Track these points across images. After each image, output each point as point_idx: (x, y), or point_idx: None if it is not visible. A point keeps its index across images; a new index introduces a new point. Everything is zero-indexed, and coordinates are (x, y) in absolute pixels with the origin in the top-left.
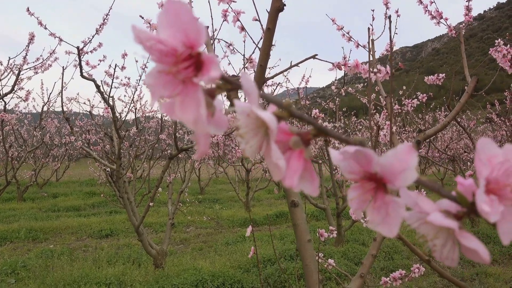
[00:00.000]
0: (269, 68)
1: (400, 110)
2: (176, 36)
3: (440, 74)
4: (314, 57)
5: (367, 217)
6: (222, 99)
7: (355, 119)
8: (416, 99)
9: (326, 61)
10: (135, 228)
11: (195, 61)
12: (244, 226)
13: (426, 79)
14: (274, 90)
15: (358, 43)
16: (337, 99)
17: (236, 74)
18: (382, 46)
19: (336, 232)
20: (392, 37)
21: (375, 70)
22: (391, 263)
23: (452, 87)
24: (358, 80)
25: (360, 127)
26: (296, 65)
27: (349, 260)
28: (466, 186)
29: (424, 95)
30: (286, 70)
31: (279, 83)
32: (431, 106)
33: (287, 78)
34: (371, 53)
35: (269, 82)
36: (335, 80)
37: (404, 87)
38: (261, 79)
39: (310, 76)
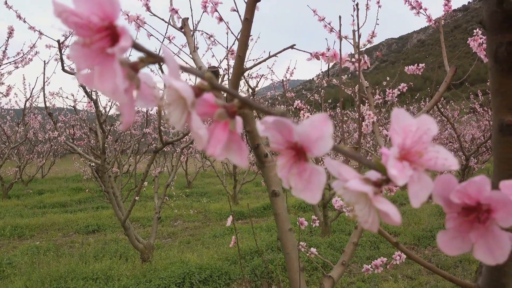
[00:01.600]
0: (253, 60)
1: (382, 100)
2: (91, 9)
3: (420, 64)
4: (292, 47)
5: (291, 184)
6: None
7: (341, 110)
8: (397, 89)
9: (304, 51)
10: (121, 223)
11: (111, 33)
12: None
13: (406, 69)
14: (258, 82)
15: (340, 35)
16: (322, 91)
17: (216, 66)
18: (364, 37)
19: (318, 221)
20: (359, 25)
21: (353, 60)
22: (376, 252)
23: (435, 78)
24: (343, 71)
25: (346, 118)
26: (275, 55)
27: (335, 250)
28: (387, 155)
29: (404, 85)
30: (264, 60)
31: (262, 75)
32: (416, 97)
33: (272, 70)
34: (353, 44)
35: (254, 74)
36: (321, 72)
37: (388, 78)
38: (239, 70)
39: (294, 68)
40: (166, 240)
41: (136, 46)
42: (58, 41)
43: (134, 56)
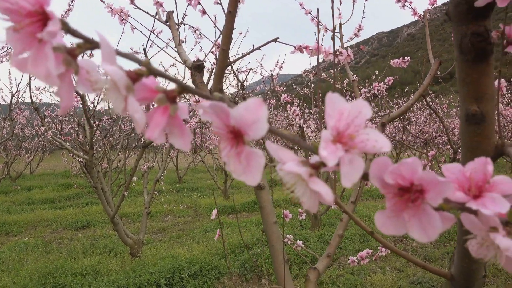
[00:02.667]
0: (242, 53)
1: (372, 94)
2: None
3: (406, 57)
4: (276, 40)
5: (230, 167)
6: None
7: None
8: (383, 83)
9: (288, 44)
10: (110, 218)
11: (43, 18)
12: (223, 213)
13: (392, 62)
14: (247, 76)
15: (326, 28)
16: (312, 85)
17: (201, 60)
18: (351, 31)
19: (304, 214)
20: (333, 15)
21: (336, 52)
22: (365, 245)
23: (423, 72)
24: (332, 66)
25: None
26: (259, 48)
27: (325, 244)
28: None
29: (390, 78)
30: (248, 53)
31: (251, 69)
32: (405, 91)
33: (261, 65)
34: (339, 37)
35: (243, 68)
36: (312, 66)
37: (377, 72)
38: (223, 63)
39: (283, 62)
40: (156, 235)
41: (72, 32)
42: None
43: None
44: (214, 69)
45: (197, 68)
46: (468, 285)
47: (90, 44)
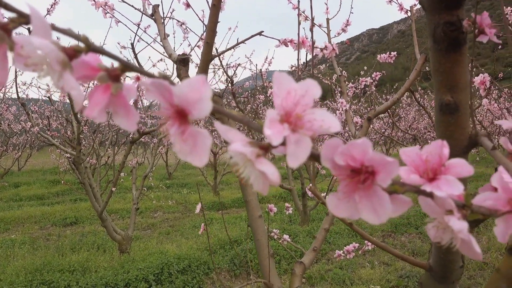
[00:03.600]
0: (231, 49)
1: (361, 90)
2: None
3: (392, 53)
4: (260, 33)
5: (176, 148)
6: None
7: (318, 100)
8: (369, 77)
9: (272, 38)
10: (98, 214)
11: None
12: (213, 209)
13: (378, 57)
14: (235, 71)
15: (313, 22)
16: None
17: (186, 53)
18: (338, 26)
19: (291, 208)
20: (311, 5)
21: (321, 47)
22: (354, 239)
23: (412, 68)
24: (324, 62)
25: (326, 108)
26: (243, 42)
27: (314, 239)
28: None
29: (378, 73)
30: (232, 47)
31: (239, 64)
32: (395, 87)
33: (250, 60)
34: (326, 32)
35: (232, 63)
36: (302, 63)
37: (366, 68)
38: (208, 56)
39: (272, 58)
40: (145, 232)
41: (4, 6)
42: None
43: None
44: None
45: (182, 62)
46: (446, 276)
47: (24, 19)
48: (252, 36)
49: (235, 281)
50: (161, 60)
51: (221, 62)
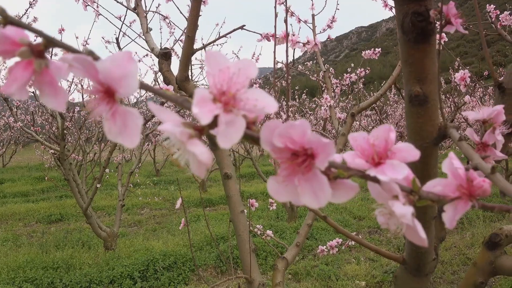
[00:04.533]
0: (219, 45)
1: (342, 86)
2: None
3: (376, 49)
4: (242, 27)
5: (105, 128)
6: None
7: (306, 97)
8: (354, 74)
9: (254, 32)
10: (83, 211)
11: None
12: (200, 206)
13: (363, 53)
14: None
15: (299, 18)
16: (289, 77)
17: (168, 48)
18: (324, 22)
19: (275, 204)
20: (286, 3)
21: (303, 41)
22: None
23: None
24: (312, 59)
25: (315, 105)
26: (225, 36)
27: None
28: None
29: (362, 69)
30: (214, 41)
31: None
32: (383, 85)
33: (238, 57)
34: (312, 28)
35: None
36: (292, 59)
37: (353, 65)
38: (189, 50)
39: (260, 54)
40: (132, 228)
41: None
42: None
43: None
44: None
45: (164, 56)
46: (419, 268)
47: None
48: (234, 30)
49: (222, 277)
50: (146, 55)
51: None
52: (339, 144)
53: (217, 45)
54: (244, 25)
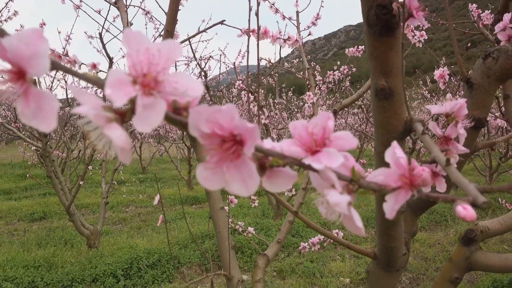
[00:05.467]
0: (204, 41)
1: (329, 84)
2: None
3: (360, 47)
4: (222, 22)
5: (18, 110)
6: None
7: (293, 95)
8: (338, 71)
9: (235, 27)
10: (66, 208)
11: None
12: (186, 204)
13: (347, 51)
14: (206, 63)
15: (283, 15)
16: (276, 75)
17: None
18: (309, 19)
19: (257, 201)
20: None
21: (284, 37)
22: None
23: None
24: (299, 56)
25: (302, 103)
26: (204, 31)
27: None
28: None
29: (345, 67)
30: (193, 36)
31: (211, 56)
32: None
33: (224, 53)
34: (296, 25)
35: (202, 55)
36: (280, 57)
37: (339, 63)
38: None
39: (246, 51)
40: (116, 226)
41: None
42: None
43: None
44: None
45: None
46: (390, 263)
47: None
48: (214, 25)
49: (212, 276)
50: None
51: (194, 54)
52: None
53: (202, 41)
54: (224, 20)
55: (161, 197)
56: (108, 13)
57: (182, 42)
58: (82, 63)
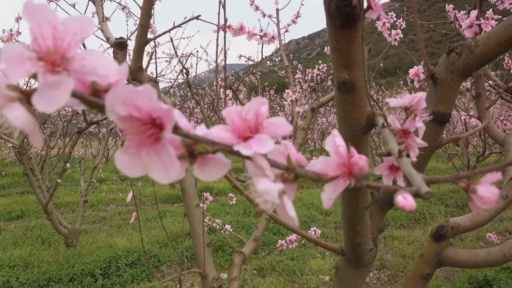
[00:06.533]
0: (186, 38)
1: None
2: None
3: None
4: (197, 18)
5: None
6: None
7: (276, 94)
8: (316, 69)
9: (210, 23)
10: (43, 207)
11: None
12: (167, 202)
13: (326, 49)
14: (186, 61)
15: (263, 13)
16: (258, 73)
17: (124, 37)
18: (289, 17)
19: (235, 199)
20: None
21: (261, 33)
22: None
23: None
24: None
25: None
26: (179, 25)
27: (268, 231)
28: None
29: (324, 65)
30: (169, 31)
31: (191, 53)
32: None
33: (206, 51)
34: (276, 22)
35: (183, 51)
36: (265, 56)
37: (320, 62)
38: (142, 40)
39: (228, 49)
40: (96, 225)
41: None
42: None
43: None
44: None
45: (119, 45)
46: (357, 259)
47: None
48: (189, 20)
49: (186, 274)
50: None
51: (175, 51)
52: (299, 138)
53: (184, 38)
54: (200, 15)
55: (143, 196)
56: (86, 8)
57: (158, 36)
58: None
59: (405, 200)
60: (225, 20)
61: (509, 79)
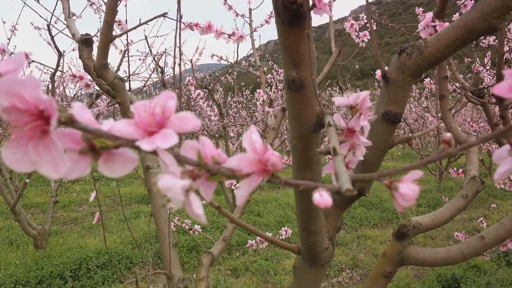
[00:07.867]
0: (160, 36)
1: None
2: None
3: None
4: (164, 15)
5: None
6: None
7: (251, 94)
8: None
9: (176, 20)
10: (10, 208)
11: None
12: (142, 202)
13: None
14: (160, 59)
15: (236, 12)
16: (235, 73)
17: (89, 34)
18: (262, 17)
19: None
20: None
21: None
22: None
23: (340, 66)
24: (260, 56)
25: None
26: (145, 23)
27: (244, 231)
28: None
29: None
30: (134, 28)
31: (165, 51)
32: (327, 84)
33: (180, 50)
34: (249, 22)
35: (158, 50)
36: (243, 56)
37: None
38: (107, 36)
39: (203, 48)
40: (68, 226)
41: None
42: None
43: None
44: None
45: (84, 42)
46: (314, 258)
47: None
48: (156, 17)
49: (159, 275)
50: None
51: (150, 50)
52: (269, 138)
53: (157, 36)
54: (166, 13)
55: (117, 197)
56: (56, 4)
57: (122, 34)
58: (33, 61)
59: (321, 197)
60: (180, 17)
61: (477, 82)
